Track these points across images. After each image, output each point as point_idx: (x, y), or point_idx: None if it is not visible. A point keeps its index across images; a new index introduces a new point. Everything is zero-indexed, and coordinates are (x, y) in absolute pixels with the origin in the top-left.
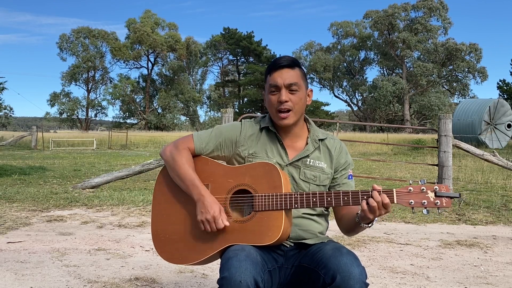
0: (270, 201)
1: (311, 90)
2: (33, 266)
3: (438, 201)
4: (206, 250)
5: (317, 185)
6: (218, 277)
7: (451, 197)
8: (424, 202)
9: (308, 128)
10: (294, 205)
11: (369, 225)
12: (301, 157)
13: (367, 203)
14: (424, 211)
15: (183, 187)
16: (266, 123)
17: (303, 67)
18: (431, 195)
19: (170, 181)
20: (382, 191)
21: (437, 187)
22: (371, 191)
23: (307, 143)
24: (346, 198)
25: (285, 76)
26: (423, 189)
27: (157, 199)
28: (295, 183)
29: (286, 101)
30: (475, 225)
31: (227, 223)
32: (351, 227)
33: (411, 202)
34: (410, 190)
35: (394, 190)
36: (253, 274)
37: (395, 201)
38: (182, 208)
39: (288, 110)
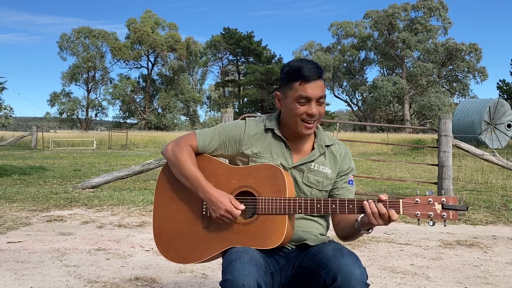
0: (273, 205)
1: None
2: (33, 266)
3: (445, 214)
4: (208, 251)
5: (319, 190)
6: (220, 278)
7: (459, 210)
8: (431, 214)
9: (315, 132)
10: (298, 211)
11: (369, 231)
12: (305, 162)
13: (372, 212)
14: (430, 222)
15: (187, 184)
16: (271, 125)
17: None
18: (438, 207)
19: (172, 179)
20: (388, 202)
21: (444, 199)
22: (376, 202)
23: (313, 148)
24: (351, 206)
25: (318, 89)
26: (430, 200)
27: (158, 197)
28: (297, 187)
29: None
30: (475, 225)
31: (242, 207)
32: (349, 232)
33: (417, 214)
34: (417, 201)
35: (401, 201)
36: (256, 277)
37: (401, 213)
38: (184, 206)
39: (314, 121)
